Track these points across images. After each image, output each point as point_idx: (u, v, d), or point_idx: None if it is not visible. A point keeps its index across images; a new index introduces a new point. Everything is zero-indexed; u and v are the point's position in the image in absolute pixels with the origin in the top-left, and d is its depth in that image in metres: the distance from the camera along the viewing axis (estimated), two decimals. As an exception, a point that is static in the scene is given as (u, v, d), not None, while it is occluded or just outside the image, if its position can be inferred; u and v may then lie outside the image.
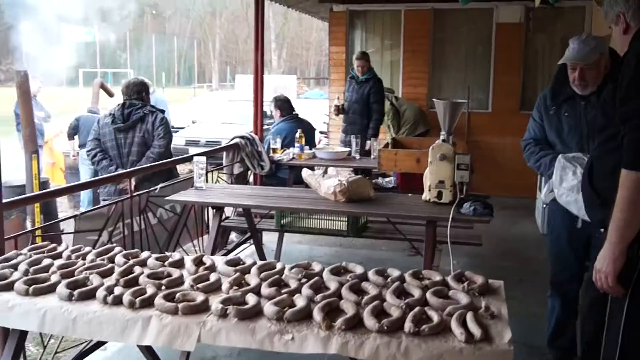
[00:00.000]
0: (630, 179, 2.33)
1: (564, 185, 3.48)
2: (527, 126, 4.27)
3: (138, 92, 5.59)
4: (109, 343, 4.19)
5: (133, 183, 4.93)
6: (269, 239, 6.38)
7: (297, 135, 6.63)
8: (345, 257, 5.25)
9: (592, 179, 2.69)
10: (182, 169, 9.97)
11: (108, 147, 5.51)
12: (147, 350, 3.63)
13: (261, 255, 5.54)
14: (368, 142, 7.91)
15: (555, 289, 4.08)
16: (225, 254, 5.64)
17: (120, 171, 5.25)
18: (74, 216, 4.03)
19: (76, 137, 9.89)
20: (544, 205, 7.21)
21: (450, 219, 3.96)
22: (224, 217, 5.38)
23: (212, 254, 4.71)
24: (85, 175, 9.91)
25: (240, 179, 6.43)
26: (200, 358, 4.28)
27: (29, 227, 5.66)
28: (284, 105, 7.60)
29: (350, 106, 8.38)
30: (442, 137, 4.32)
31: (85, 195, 9.58)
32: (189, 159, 5.44)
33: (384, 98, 8.49)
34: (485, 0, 9.19)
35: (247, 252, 6.21)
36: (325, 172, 6.65)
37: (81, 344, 4.15)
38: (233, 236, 6.66)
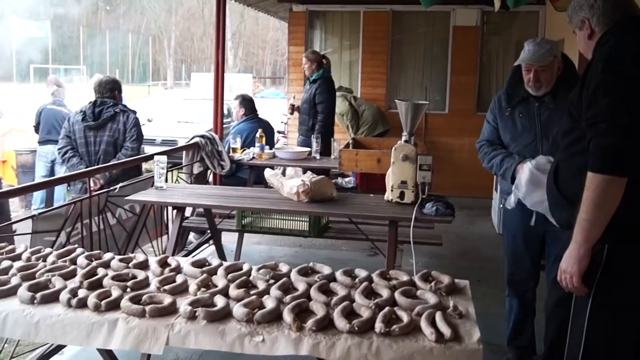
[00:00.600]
0: (595, 181, 2.37)
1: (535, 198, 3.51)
2: (482, 128, 4.40)
3: (110, 90, 5.67)
4: (67, 347, 4.12)
5: (100, 182, 4.93)
6: (228, 240, 6.33)
7: (258, 135, 6.60)
8: (306, 258, 5.25)
9: (557, 181, 2.73)
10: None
11: (78, 144, 5.55)
12: (108, 354, 3.56)
13: (221, 256, 5.49)
14: (314, 144, 7.88)
15: (513, 289, 4.15)
16: (186, 255, 5.59)
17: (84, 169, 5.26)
18: (32, 216, 3.94)
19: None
20: (501, 206, 7.32)
21: (413, 219, 3.97)
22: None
23: (173, 254, 4.66)
24: (40, 173, 9.71)
25: (200, 179, 6.38)
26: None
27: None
28: (248, 104, 7.55)
29: (300, 106, 8.31)
30: (404, 138, 4.33)
31: (38, 193, 9.40)
32: (149, 157, 5.38)
33: (331, 99, 8.21)
34: (443, 4, 9.28)
35: (206, 253, 6.16)
36: (284, 172, 6.62)
37: (36, 348, 4.07)
38: (191, 237, 6.60)
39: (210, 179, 6.73)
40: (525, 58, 3.74)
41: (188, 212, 5.97)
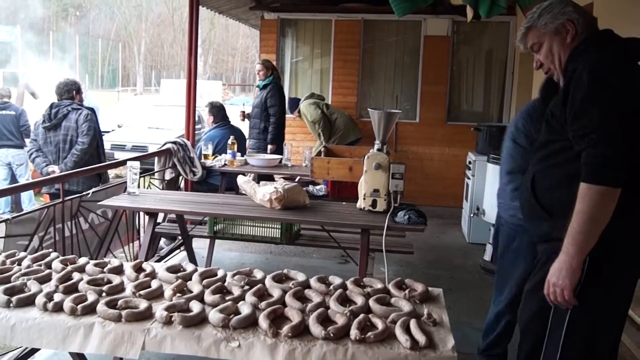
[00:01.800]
0: (589, 193, 2.34)
1: None
2: (508, 160, 3.95)
3: (68, 91, 6.00)
4: (39, 352, 4.09)
5: (56, 186, 5.03)
6: (199, 246, 6.31)
7: (230, 142, 6.60)
8: (276, 265, 5.26)
9: (536, 193, 2.69)
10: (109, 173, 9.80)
11: (41, 145, 5.94)
12: (79, 357, 3.56)
13: (193, 262, 5.49)
14: (269, 146, 8.20)
15: (512, 310, 3.80)
16: (157, 261, 5.57)
17: (54, 173, 5.61)
18: (5, 220, 3.92)
19: None
20: (472, 215, 7.39)
21: (385, 227, 4.00)
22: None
23: (145, 260, 4.65)
24: (1, 177, 9.74)
25: (172, 185, 6.36)
26: (132, 366, 4.21)
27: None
28: (218, 112, 7.58)
29: (252, 111, 8.61)
30: (376, 147, 4.34)
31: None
32: (122, 163, 5.40)
33: (282, 103, 8.57)
34: (415, 13, 9.36)
35: (177, 259, 6.14)
36: (258, 180, 6.64)
37: (7, 353, 4.05)
38: (162, 242, 6.58)
39: (182, 185, 6.72)
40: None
41: (160, 217, 5.96)
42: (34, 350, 3.89)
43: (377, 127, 4.35)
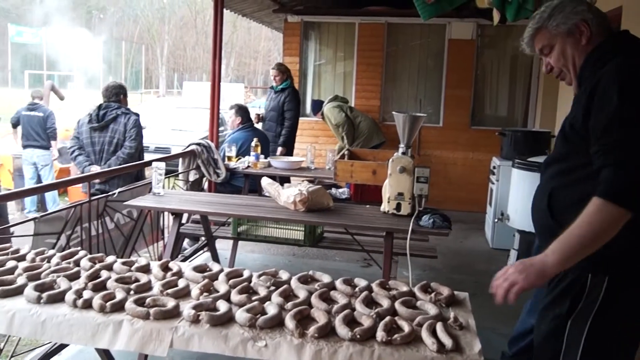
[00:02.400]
0: (604, 209, 2.19)
1: None
2: None
3: (116, 94, 6.14)
4: (65, 349, 4.14)
5: (96, 186, 5.08)
6: (222, 247, 6.35)
7: (253, 144, 6.63)
8: (299, 267, 5.27)
9: (553, 211, 2.52)
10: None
11: (84, 144, 6.00)
12: (105, 354, 3.59)
13: (216, 262, 5.51)
14: (280, 149, 8.39)
15: None
16: (182, 261, 5.61)
17: (93, 171, 5.76)
18: (34, 219, 3.97)
19: (19, 128, 9.92)
20: (496, 220, 7.36)
21: (410, 230, 3.99)
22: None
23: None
24: (28, 176, 9.86)
25: (196, 186, 6.39)
26: (156, 365, 4.25)
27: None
28: (244, 114, 7.62)
29: (267, 114, 8.77)
30: (401, 150, 4.34)
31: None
32: (148, 164, 5.45)
33: (298, 107, 8.78)
34: (439, 17, 9.36)
35: (200, 260, 6.18)
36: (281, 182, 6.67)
37: (34, 349, 4.09)
38: (185, 243, 6.62)
39: (206, 186, 6.75)
40: None
41: (184, 218, 6.00)
42: (60, 348, 3.93)
43: (401, 130, 4.34)
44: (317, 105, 9.57)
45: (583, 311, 2.38)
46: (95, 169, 5.91)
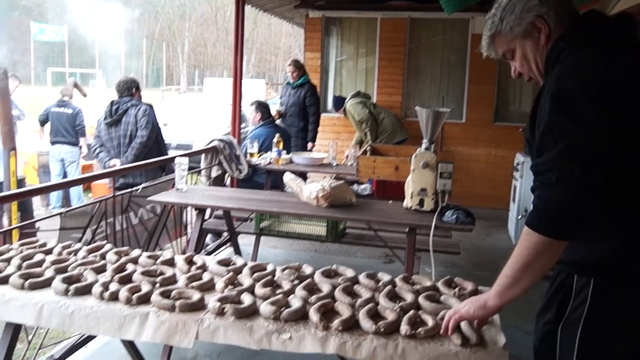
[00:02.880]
0: (529, 238, 2.08)
1: None
2: None
3: (128, 88, 6.27)
4: (92, 341, 4.19)
5: (120, 180, 5.21)
6: (244, 243, 6.38)
7: (275, 140, 6.65)
8: (321, 263, 5.27)
9: None
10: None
11: (104, 141, 6.22)
12: (131, 347, 3.63)
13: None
14: (310, 144, 8.56)
15: None
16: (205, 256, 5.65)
17: (112, 165, 6.03)
18: (60, 213, 4.02)
19: (47, 125, 10.02)
20: (519, 217, 7.33)
21: (433, 226, 3.99)
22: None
23: (193, 255, 4.72)
24: (55, 172, 9.96)
25: (218, 182, 6.43)
26: (181, 357, 4.29)
27: (5, 224, 5.63)
28: (264, 110, 7.65)
29: (287, 110, 8.86)
30: (424, 145, 4.33)
31: (55, 192, 9.66)
32: (170, 160, 5.48)
33: (318, 102, 8.93)
34: (462, 11, 9.32)
35: (223, 255, 6.20)
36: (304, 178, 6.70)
37: (61, 341, 4.15)
38: (207, 239, 6.65)
39: (228, 182, 6.78)
40: None
41: (206, 214, 6.04)
42: (86, 340, 3.98)
43: (424, 125, 4.33)
44: (339, 102, 9.55)
45: (572, 314, 2.25)
46: (115, 162, 6.08)
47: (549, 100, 2.06)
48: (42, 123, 10.25)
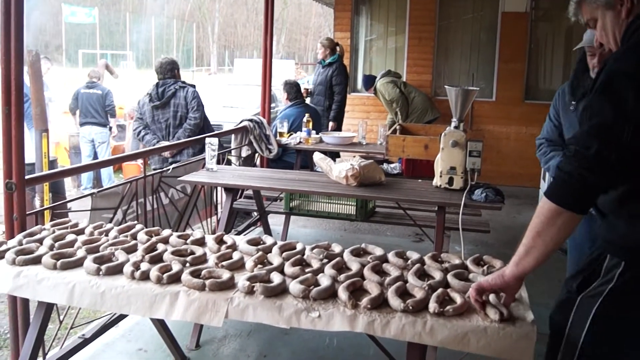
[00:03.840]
0: (543, 207, 2.12)
1: None
2: (544, 124, 4.01)
3: (171, 70, 6.27)
4: (122, 321, 4.25)
5: (169, 160, 5.41)
6: (274, 222, 6.41)
7: (305, 119, 6.65)
8: (351, 242, 5.29)
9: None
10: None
11: (149, 123, 6.20)
12: (161, 326, 3.68)
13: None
14: (331, 124, 8.50)
15: None
16: (235, 236, 5.69)
17: (162, 143, 6.02)
18: (91, 194, 4.06)
19: (77, 112, 10.12)
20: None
21: (462, 205, 3.97)
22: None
23: (224, 234, 4.75)
24: (85, 153, 10.07)
25: (248, 162, 6.45)
26: (211, 337, 4.33)
27: (37, 205, 5.71)
28: (291, 89, 7.64)
29: (315, 88, 8.84)
30: (453, 124, 4.30)
31: (86, 173, 9.79)
32: (201, 140, 5.53)
33: (346, 81, 8.82)
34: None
35: (253, 235, 6.24)
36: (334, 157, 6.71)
37: (92, 321, 4.21)
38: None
39: (258, 162, 6.81)
40: (589, 40, 3.25)
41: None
42: (117, 320, 4.04)
43: (454, 104, 4.30)
44: (370, 81, 9.52)
45: (595, 290, 2.26)
46: (166, 144, 6.02)
47: (602, 77, 2.06)
48: (73, 110, 10.32)
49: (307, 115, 6.76)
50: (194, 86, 6.29)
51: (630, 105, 1.98)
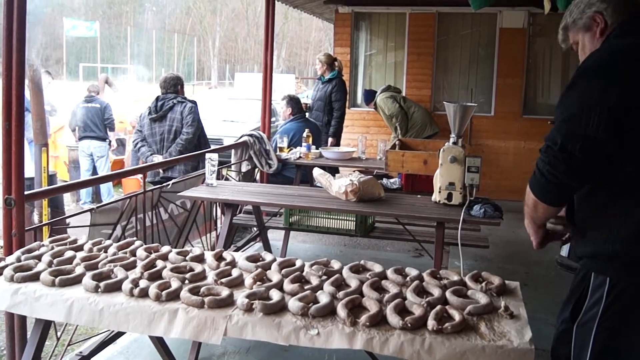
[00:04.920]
0: (527, 195, 2.38)
1: None
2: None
3: (174, 85, 6.31)
4: (120, 338, 4.24)
5: (149, 178, 5.27)
6: (274, 237, 6.42)
7: (305, 134, 6.67)
8: (350, 257, 5.30)
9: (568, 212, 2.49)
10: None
11: (146, 135, 6.21)
12: (160, 343, 3.67)
13: (269, 253, 5.58)
14: (330, 139, 8.45)
15: None
16: (235, 251, 5.69)
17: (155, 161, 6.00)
18: (91, 209, 4.07)
19: (77, 128, 10.12)
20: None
21: (461, 220, 3.98)
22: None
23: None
24: (84, 167, 10.06)
25: (248, 177, 6.47)
26: (210, 354, 4.32)
27: (36, 220, 5.71)
28: (295, 104, 7.66)
29: (314, 103, 8.79)
30: (452, 140, 4.32)
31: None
32: (201, 155, 5.54)
33: (345, 97, 8.81)
34: (490, 5, 9.27)
35: (252, 250, 6.24)
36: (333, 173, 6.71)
37: (89, 338, 4.20)
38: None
39: (258, 177, 6.82)
40: None
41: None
42: (115, 337, 4.03)
43: (452, 120, 4.33)
44: (370, 95, 9.54)
45: (587, 314, 2.29)
46: (158, 158, 6.07)
47: (573, 75, 2.22)
48: (73, 126, 10.30)
49: (307, 130, 6.77)
50: (194, 102, 6.29)
51: (595, 94, 2.09)
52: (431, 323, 2.31)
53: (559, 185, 2.19)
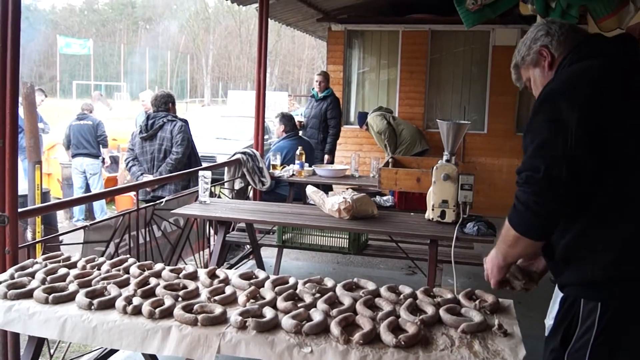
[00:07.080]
0: (506, 231, 2.29)
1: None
2: None
3: (165, 103, 6.26)
4: (114, 355, 4.22)
5: (151, 194, 5.30)
6: (267, 255, 6.40)
7: (298, 152, 6.68)
8: (344, 275, 5.30)
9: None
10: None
11: (138, 154, 6.18)
12: (153, 361, 3.66)
13: (262, 270, 5.57)
14: (326, 157, 8.56)
15: None
16: (228, 269, 5.67)
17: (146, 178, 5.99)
18: (84, 227, 4.06)
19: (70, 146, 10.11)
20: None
21: (454, 238, 3.98)
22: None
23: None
24: (77, 185, 10.04)
25: (241, 194, 6.46)
26: (201, 372, 4.30)
27: (29, 237, 5.69)
28: (288, 122, 7.68)
29: (308, 121, 8.91)
30: (445, 158, 4.34)
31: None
32: (194, 172, 5.54)
33: (340, 114, 8.95)
34: (483, 23, 9.32)
35: (245, 268, 6.23)
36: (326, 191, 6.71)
37: (82, 355, 4.18)
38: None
39: (251, 194, 6.82)
40: None
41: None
42: (108, 354, 4.01)
43: (445, 138, 4.34)
44: (363, 117, 9.58)
45: (579, 342, 2.22)
46: (148, 178, 6.02)
47: (538, 99, 2.20)
48: (67, 145, 10.29)
49: (300, 147, 6.78)
50: (185, 121, 6.25)
51: (565, 115, 2.07)
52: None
53: (546, 216, 2.14)
